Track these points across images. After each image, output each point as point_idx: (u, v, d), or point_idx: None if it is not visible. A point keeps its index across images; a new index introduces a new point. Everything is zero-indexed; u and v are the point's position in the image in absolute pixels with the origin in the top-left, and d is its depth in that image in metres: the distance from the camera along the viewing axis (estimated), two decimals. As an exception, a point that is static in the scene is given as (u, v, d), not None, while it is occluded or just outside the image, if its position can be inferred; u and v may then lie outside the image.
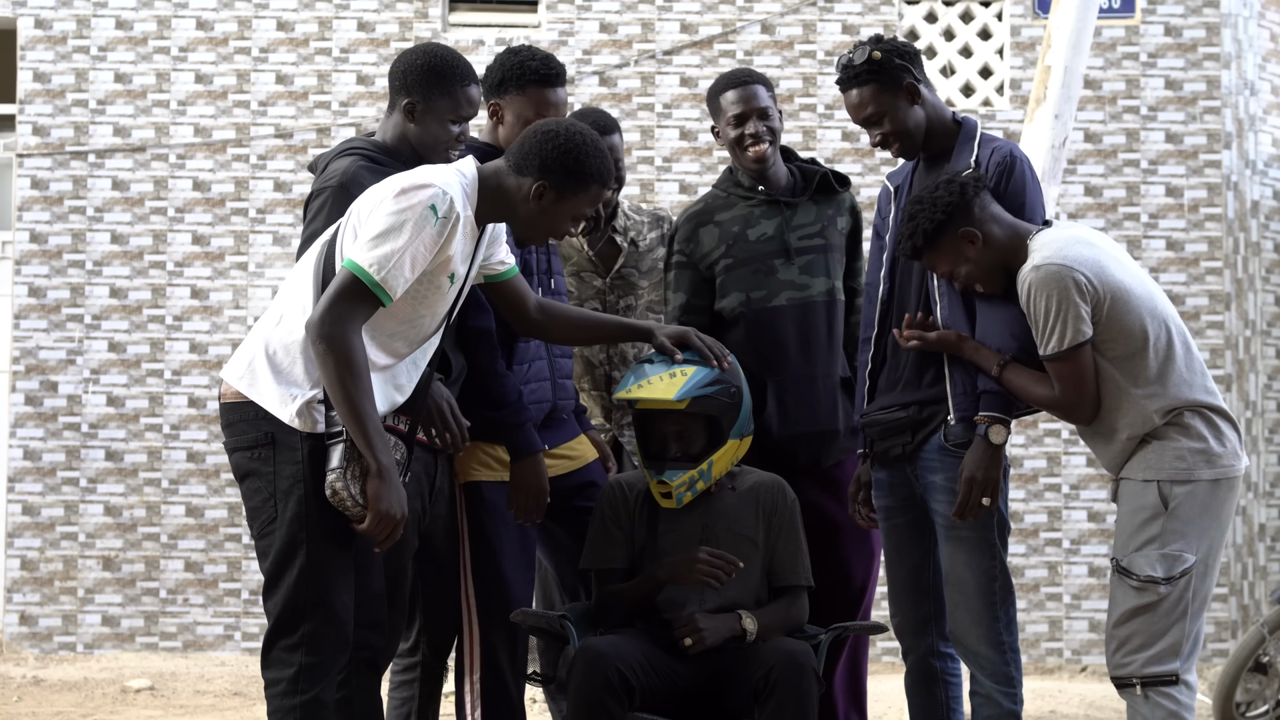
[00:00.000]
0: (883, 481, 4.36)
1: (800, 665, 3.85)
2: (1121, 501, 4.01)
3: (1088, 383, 3.96)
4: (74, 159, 9.09)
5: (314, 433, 3.56)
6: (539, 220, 3.73)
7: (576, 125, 3.76)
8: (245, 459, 3.62)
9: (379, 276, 3.50)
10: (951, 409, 4.14)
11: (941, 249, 4.01)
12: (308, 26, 9.18)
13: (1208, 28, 9.30)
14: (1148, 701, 3.89)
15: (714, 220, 4.67)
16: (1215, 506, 3.96)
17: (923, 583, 4.31)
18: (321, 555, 3.56)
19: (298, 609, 3.55)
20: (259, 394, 3.58)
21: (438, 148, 4.03)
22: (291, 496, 3.55)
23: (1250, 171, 9.34)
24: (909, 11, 9.34)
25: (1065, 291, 3.91)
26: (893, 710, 7.36)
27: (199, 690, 8.17)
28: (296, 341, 3.59)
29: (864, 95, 4.20)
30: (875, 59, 4.17)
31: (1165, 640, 3.90)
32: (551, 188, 3.68)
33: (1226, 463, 3.97)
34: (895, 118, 4.20)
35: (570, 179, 3.68)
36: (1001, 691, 4.14)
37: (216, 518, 8.95)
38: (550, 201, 3.69)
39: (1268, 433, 9.33)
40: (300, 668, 3.54)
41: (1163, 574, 3.90)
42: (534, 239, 3.83)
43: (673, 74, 9.16)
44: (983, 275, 4.04)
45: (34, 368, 8.99)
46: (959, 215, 4.00)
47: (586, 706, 3.78)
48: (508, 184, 3.70)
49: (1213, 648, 9.07)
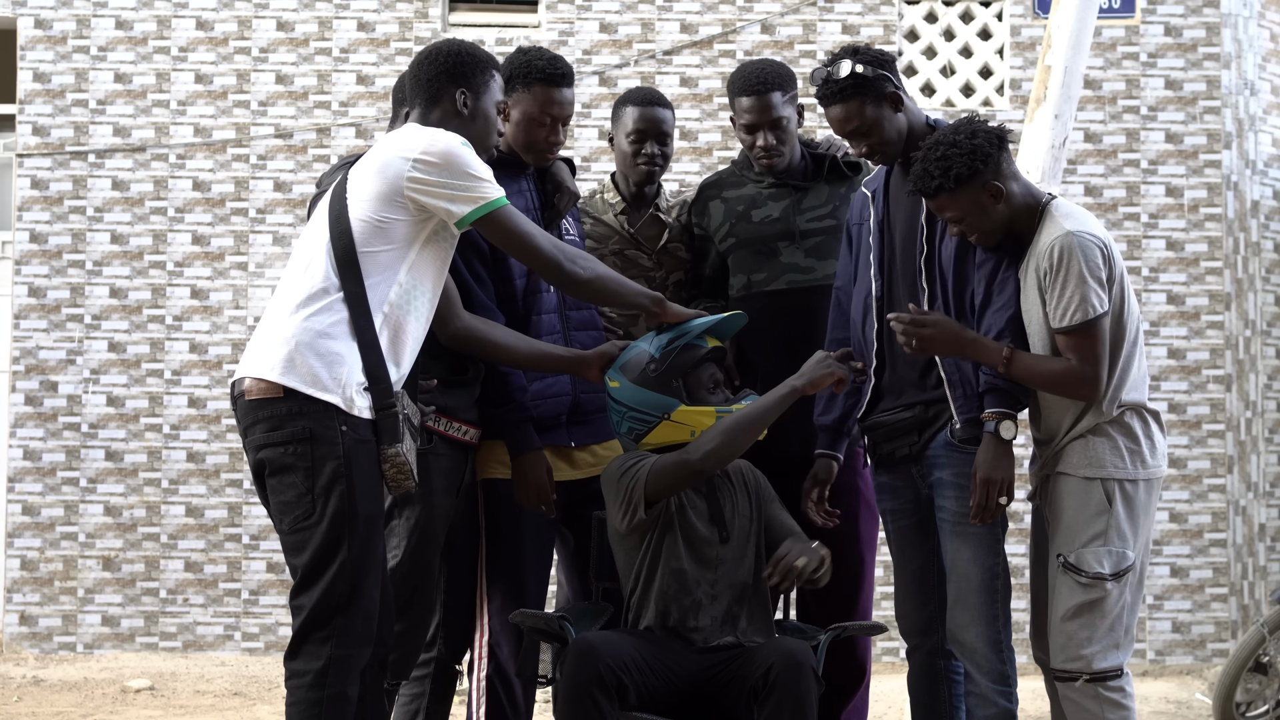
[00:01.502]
0: (886, 485, 4.35)
1: (799, 665, 3.84)
2: (1064, 497, 4.01)
3: (1105, 355, 3.95)
4: (74, 159, 9.09)
5: (359, 418, 3.61)
6: (485, 128, 3.90)
7: (442, 40, 3.98)
8: (279, 454, 3.61)
9: (491, 195, 3.71)
10: (954, 414, 4.13)
11: (963, 196, 3.98)
12: (308, 26, 9.18)
13: (1208, 28, 9.30)
14: (1095, 697, 3.95)
15: (722, 195, 4.71)
16: (1149, 506, 4.04)
17: (928, 582, 4.31)
18: (360, 550, 3.59)
19: (333, 603, 3.58)
20: (301, 383, 3.59)
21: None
22: (333, 493, 3.57)
23: (1250, 171, 9.34)
24: (909, 11, 9.34)
25: (1095, 261, 3.92)
26: (893, 710, 7.36)
27: (199, 690, 8.17)
28: (339, 322, 3.62)
29: (849, 110, 4.17)
30: (858, 73, 4.14)
31: (1111, 635, 3.96)
32: (469, 90, 3.87)
33: (1156, 463, 4.04)
34: (881, 130, 4.17)
35: (476, 72, 3.88)
36: (998, 690, 4.14)
37: (216, 518, 8.94)
38: (470, 101, 3.88)
39: (1268, 433, 9.32)
40: (329, 660, 3.56)
41: (1110, 571, 3.94)
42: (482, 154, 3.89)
43: (673, 74, 9.15)
44: (987, 229, 4.01)
45: (34, 368, 8.99)
46: (991, 166, 3.98)
47: (576, 700, 3.77)
48: (443, 120, 3.85)
49: (1213, 648, 9.07)
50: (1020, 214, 4.03)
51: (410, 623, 4.02)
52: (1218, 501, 9.13)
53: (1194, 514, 9.13)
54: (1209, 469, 9.15)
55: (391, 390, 3.63)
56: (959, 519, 4.13)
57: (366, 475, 3.62)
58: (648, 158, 4.66)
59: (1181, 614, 9.09)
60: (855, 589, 4.62)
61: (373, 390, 3.62)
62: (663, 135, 4.67)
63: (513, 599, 4.15)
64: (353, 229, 3.65)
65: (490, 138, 3.95)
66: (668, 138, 4.69)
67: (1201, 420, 9.17)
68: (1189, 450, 9.12)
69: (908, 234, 4.23)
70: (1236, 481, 9.16)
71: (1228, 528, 9.12)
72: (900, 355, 4.23)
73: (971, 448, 4.11)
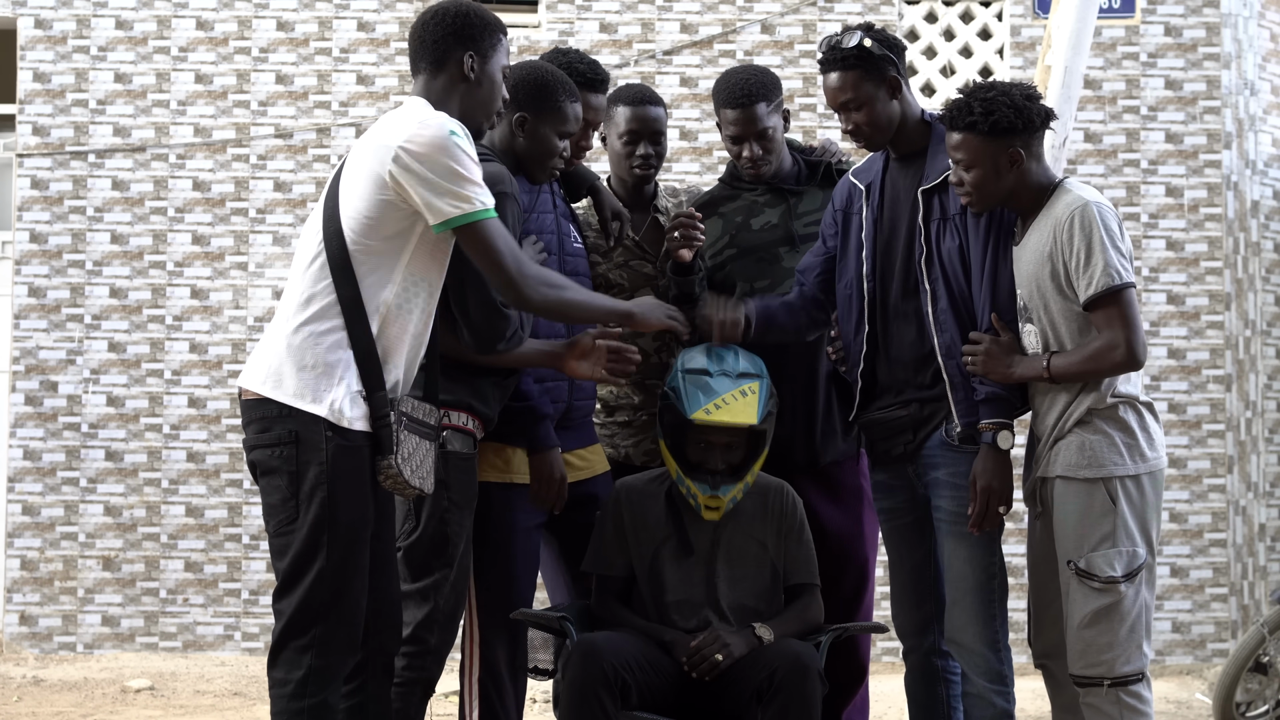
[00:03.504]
0: (883, 483, 4.34)
1: (805, 667, 3.84)
2: (1065, 502, 3.96)
3: (1140, 323, 3.88)
4: (74, 159, 9.09)
5: (350, 429, 3.52)
6: (491, 93, 3.76)
7: (431, 7, 3.82)
8: (266, 455, 3.56)
9: (477, 204, 3.53)
10: (955, 415, 4.12)
11: (987, 144, 3.94)
12: (308, 26, 9.18)
13: (1208, 28, 9.30)
14: (1117, 703, 3.90)
15: (719, 212, 4.65)
16: (1154, 499, 3.97)
17: (924, 582, 4.30)
18: (340, 558, 3.52)
19: (311, 611, 3.51)
20: (286, 394, 3.52)
21: (545, 161, 4.17)
22: (315, 498, 3.50)
23: (1250, 171, 9.34)
24: (909, 11, 9.34)
25: (1114, 230, 3.90)
26: (893, 710, 7.36)
27: (199, 690, 8.17)
28: (333, 329, 3.53)
29: (845, 80, 4.16)
30: (864, 47, 4.13)
31: (1132, 638, 3.91)
32: (474, 51, 3.72)
33: (1156, 455, 3.98)
34: (873, 109, 4.16)
35: (484, 34, 3.72)
36: (994, 690, 4.13)
37: (216, 518, 8.94)
38: (476, 65, 3.72)
39: (1268, 433, 9.32)
40: (310, 670, 3.50)
41: (1122, 572, 3.89)
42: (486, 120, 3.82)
43: (673, 74, 9.15)
44: (987, 191, 3.98)
45: (34, 368, 8.99)
46: (1027, 133, 3.96)
47: (580, 700, 3.78)
48: (448, 85, 3.72)
49: (1213, 648, 9.07)
50: (1028, 191, 3.99)
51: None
52: (1218, 501, 9.13)
53: (1194, 514, 9.13)
54: (1209, 469, 9.15)
55: (386, 401, 3.53)
56: (955, 519, 4.12)
57: (352, 483, 3.53)
58: (642, 159, 4.59)
59: (1181, 614, 9.09)
60: (858, 589, 4.62)
61: (369, 401, 3.52)
62: (656, 135, 4.60)
63: (502, 600, 4.15)
64: (345, 226, 3.53)
65: (495, 103, 3.79)
66: (661, 136, 4.62)
67: (1201, 420, 9.16)
68: (1189, 450, 9.12)
69: (907, 234, 4.21)
70: (1236, 481, 9.16)
71: (1228, 528, 9.12)
72: (895, 352, 4.22)
73: (968, 448, 4.10)
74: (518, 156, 4.16)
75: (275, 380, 3.53)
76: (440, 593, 3.97)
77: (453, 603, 4.01)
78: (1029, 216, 4.03)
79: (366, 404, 3.53)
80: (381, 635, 3.71)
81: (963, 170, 3.98)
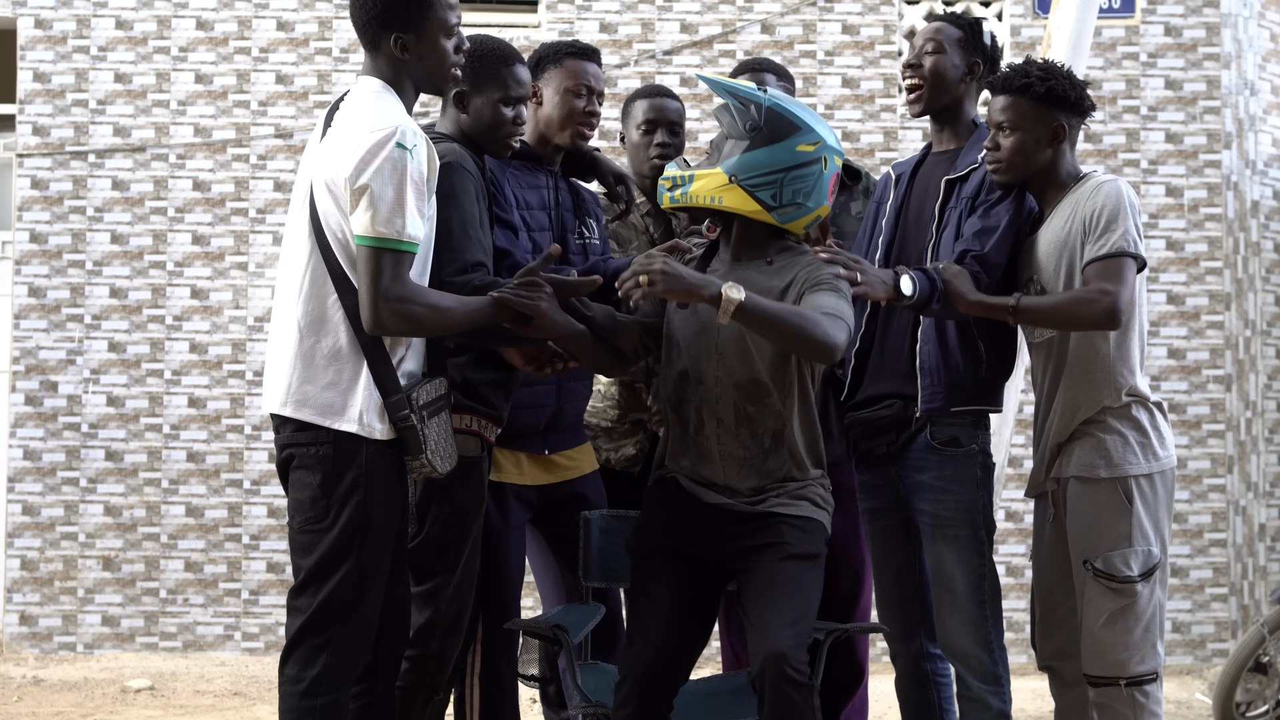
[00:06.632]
0: (867, 484, 4.33)
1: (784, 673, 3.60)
2: (1080, 502, 3.96)
3: (1131, 294, 3.87)
4: (74, 159, 9.09)
5: (379, 440, 3.51)
6: (436, 61, 3.60)
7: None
8: (304, 452, 3.54)
9: (405, 237, 3.41)
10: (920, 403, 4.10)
11: (1034, 112, 3.97)
12: (308, 26, 9.18)
13: (1208, 28, 9.30)
14: (1131, 702, 3.90)
15: None
16: (1166, 498, 3.98)
17: (909, 585, 4.29)
18: (366, 563, 3.52)
19: (332, 610, 3.51)
20: (313, 415, 3.51)
21: (495, 133, 4.00)
22: (350, 501, 3.50)
23: (1250, 171, 9.34)
24: (909, 11, 9.34)
25: (1137, 209, 3.93)
26: (892, 710, 7.35)
27: (199, 690, 8.17)
28: (344, 342, 3.51)
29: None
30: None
31: (1147, 637, 3.92)
32: (409, 30, 3.57)
33: (1167, 454, 3.99)
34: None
35: (409, 8, 3.57)
36: (991, 691, 4.12)
37: (216, 518, 8.94)
38: (408, 43, 3.59)
39: (1268, 433, 9.32)
40: (325, 669, 3.49)
41: (1138, 571, 3.89)
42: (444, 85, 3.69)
43: (673, 74, 9.15)
44: (1022, 160, 3.97)
45: (34, 368, 8.99)
46: (1074, 113, 4.00)
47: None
48: (390, 64, 3.60)
49: (1213, 648, 9.07)
50: (1056, 174, 4.01)
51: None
52: (1218, 501, 9.13)
53: (1194, 514, 9.13)
54: (1209, 469, 9.15)
55: (404, 403, 3.52)
56: (940, 523, 4.11)
57: (387, 489, 3.55)
58: (660, 147, 4.64)
59: (1181, 614, 9.09)
60: (854, 590, 4.62)
61: (387, 406, 3.52)
62: (673, 125, 4.66)
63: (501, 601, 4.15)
64: (330, 239, 3.50)
65: (446, 67, 3.65)
66: (679, 127, 4.68)
67: (1201, 420, 9.17)
68: (1189, 450, 9.12)
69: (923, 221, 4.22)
70: (1236, 481, 9.16)
71: (1228, 528, 9.12)
72: (890, 340, 4.22)
73: (951, 450, 4.09)
74: (467, 135, 4.04)
75: (299, 400, 3.53)
76: (442, 597, 3.96)
77: (456, 608, 3.99)
78: (1050, 204, 4.04)
79: (387, 411, 3.54)
80: (391, 635, 3.71)
81: (1004, 135, 3.99)
